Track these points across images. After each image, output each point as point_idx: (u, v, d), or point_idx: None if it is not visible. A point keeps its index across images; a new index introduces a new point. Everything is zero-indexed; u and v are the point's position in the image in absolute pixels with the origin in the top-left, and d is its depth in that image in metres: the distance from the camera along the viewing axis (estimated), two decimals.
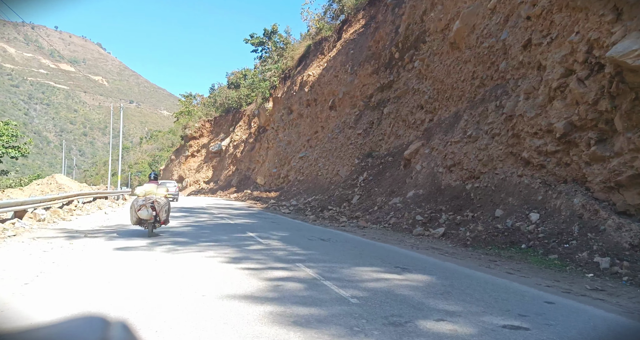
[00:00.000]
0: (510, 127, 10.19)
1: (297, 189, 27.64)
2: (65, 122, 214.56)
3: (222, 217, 14.74)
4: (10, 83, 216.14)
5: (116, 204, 19.43)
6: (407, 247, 8.31)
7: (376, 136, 21.84)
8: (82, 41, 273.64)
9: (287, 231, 10.84)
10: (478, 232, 8.56)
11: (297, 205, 21.62)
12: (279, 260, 6.52)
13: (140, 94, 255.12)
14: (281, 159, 33.18)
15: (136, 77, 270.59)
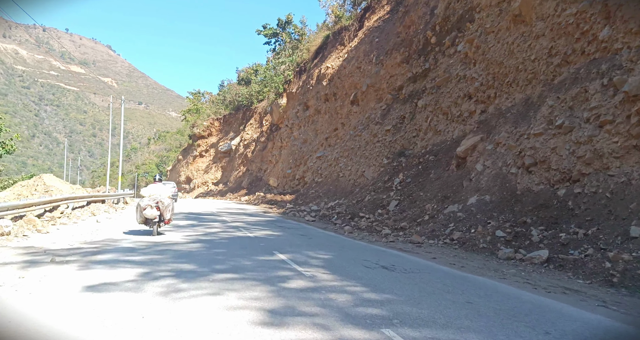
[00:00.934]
0: (634, 112, 7.40)
1: (316, 191, 24.94)
2: (74, 123, 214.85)
3: (238, 228, 12.09)
4: (22, 84, 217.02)
5: (114, 210, 16.89)
6: (528, 289, 5.54)
7: (409, 132, 19.09)
8: (92, 43, 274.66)
9: (327, 250, 8.14)
10: (623, 262, 5.77)
11: (319, 211, 18.93)
12: (347, 318, 3.84)
13: (148, 95, 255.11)
14: (296, 159, 30.52)
15: (145, 79, 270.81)
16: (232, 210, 20.77)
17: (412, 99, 19.58)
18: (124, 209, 18.63)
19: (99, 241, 8.64)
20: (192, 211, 18.67)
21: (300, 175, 29.42)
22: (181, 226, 12.15)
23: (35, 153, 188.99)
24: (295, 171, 30.40)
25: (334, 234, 11.25)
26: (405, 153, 18.55)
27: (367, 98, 23.85)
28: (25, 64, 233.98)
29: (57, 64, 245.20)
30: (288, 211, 19.78)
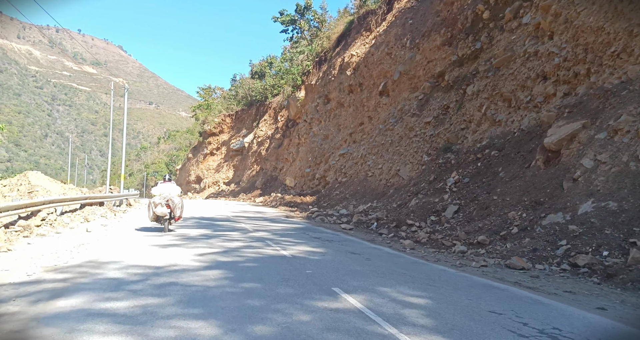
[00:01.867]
0: None
1: (341, 193, 22.18)
2: (86, 122, 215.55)
3: (264, 240, 9.38)
4: (35, 84, 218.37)
5: (113, 214, 14.31)
6: None
7: (455, 124, 16.22)
8: (104, 44, 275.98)
9: (412, 286, 5.37)
10: None
11: (350, 216, 16.17)
12: None
13: (159, 95, 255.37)
14: (316, 156, 27.79)
15: (155, 79, 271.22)
16: (249, 214, 18.11)
17: (458, 86, 16.70)
18: (126, 213, 16.09)
19: (75, 266, 5.98)
20: (203, 215, 16.05)
21: (321, 175, 26.68)
22: (192, 238, 9.49)
23: (48, 152, 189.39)
24: (315, 170, 27.67)
25: (392, 251, 8.46)
26: (452, 148, 15.68)
27: (400, 87, 21.03)
28: (39, 65, 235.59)
29: (70, 65, 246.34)
30: (314, 216, 17.04)
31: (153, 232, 10.34)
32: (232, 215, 16.72)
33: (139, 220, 13.36)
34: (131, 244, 8.26)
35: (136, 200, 23.02)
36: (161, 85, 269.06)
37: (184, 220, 13.64)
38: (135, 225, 12.04)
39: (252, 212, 18.80)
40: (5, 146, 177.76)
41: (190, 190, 44.87)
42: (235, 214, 17.15)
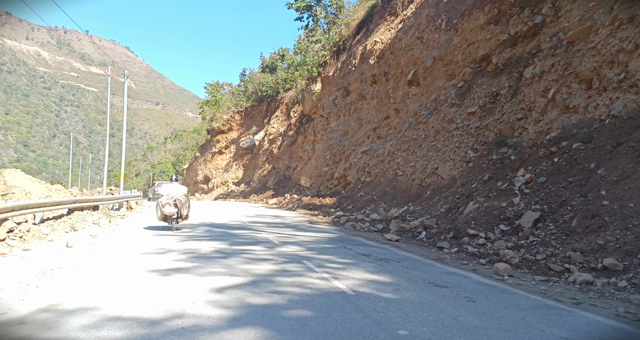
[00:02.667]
0: None
1: (366, 194, 19.70)
2: (94, 123, 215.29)
3: (300, 259, 6.92)
4: (43, 85, 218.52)
5: (109, 220, 11.94)
6: None
7: (509, 114, 13.66)
8: (111, 45, 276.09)
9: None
10: None
11: (384, 221, 13.71)
12: None
13: (166, 95, 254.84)
14: (335, 154, 25.33)
15: (162, 79, 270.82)
16: (266, 218, 15.69)
17: (511, 69, 14.13)
18: (125, 218, 13.75)
19: (12, 325, 3.58)
20: (214, 221, 13.66)
21: (341, 174, 24.21)
22: (205, 256, 7.06)
23: (56, 153, 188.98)
24: (334, 169, 25.21)
25: (486, 281, 5.95)
26: (507, 142, 13.14)
27: (433, 75, 18.50)
28: (47, 66, 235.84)
29: (78, 65, 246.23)
30: (342, 221, 14.57)
31: (153, 246, 7.98)
32: (247, 220, 14.31)
33: (138, 229, 10.99)
34: (120, 269, 5.85)
35: (139, 202, 20.71)
36: (168, 85, 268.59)
37: (193, 228, 11.27)
38: (132, 235, 9.68)
39: (269, 217, 16.38)
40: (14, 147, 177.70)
41: (197, 190, 42.61)
42: (251, 219, 14.74)
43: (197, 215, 16.21)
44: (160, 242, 8.55)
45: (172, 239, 9.06)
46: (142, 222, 12.84)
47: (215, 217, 15.42)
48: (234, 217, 15.72)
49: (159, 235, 9.50)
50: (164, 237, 9.20)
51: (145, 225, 11.96)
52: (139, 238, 9.22)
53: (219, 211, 18.73)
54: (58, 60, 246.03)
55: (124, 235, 9.68)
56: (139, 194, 20.12)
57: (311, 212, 19.03)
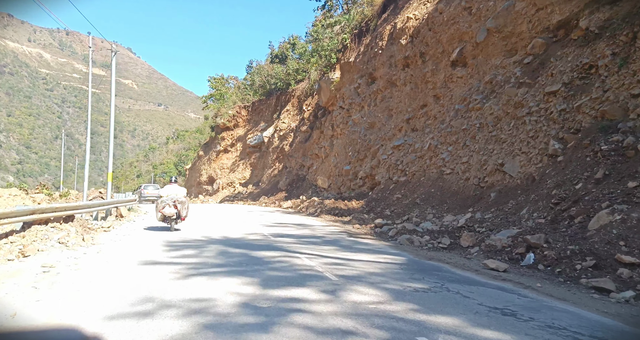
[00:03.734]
0: None
1: (405, 196, 16.31)
2: (95, 124, 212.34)
3: (398, 326, 3.57)
4: (45, 87, 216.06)
5: (83, 238, 8.54)
6: None
7: (616, 90, 10.24)
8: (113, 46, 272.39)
9: None
10: None
11: (446, 233, 10.34)
12: None
13: (168, 96, 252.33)
14: (358, 150, 21.95)
15: (164, 80, 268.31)
16: (291, 228, 12.30)
17: (613, 32, 10.75)
18: (111, 231, 10.40)
19: None
20: (227, 234, 10.29)
21: (367, 173, 20.83)
22: (225, 321, 3.67)
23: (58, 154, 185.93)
24: (358, 167, 21.84)
25: None
26: (619, 127, 9.72)
27: (487, 51, 15.10)
28: (49, 67, 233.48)
29: (80, 67, 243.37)
30: (390, 233, 11.18)
31: (135, 293, 4.62)
32: (269, 232, 10.93)
33: (122, 250, 7.62)
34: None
35: (133, 207, 17.37)
36: (170, 86, 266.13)
37: (201, 247, 7.94)
38: (107, 265, 6.31)
39: (294, 226, 12.98)
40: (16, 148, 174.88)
41: (201, 192, 39.30)
42: (273, 231, 11.36)
43: (204, 223, 12.86)
44: (149, 283, 5.18)
45: (168, 274, 5.70)
46: (131, 238, 9.50)
47: (227, 227, 12.07)
48: (251, 226, 12.36)
49: (149, 266, 6.15)
50: (157, 272, 5.83)
51: (134, 242, 8.64)
52: (116, 271, 5.86)
53: (229, 218, 15.37)
54: (60, 61, 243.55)
55: (94, 265, 6.32)
56: (132, 198, 16.77)
57: (340, 219, 15.66)
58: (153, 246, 8.11)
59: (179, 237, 9.69)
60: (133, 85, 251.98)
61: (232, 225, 12.58)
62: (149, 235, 9.76)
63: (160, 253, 7.39)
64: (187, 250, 7.72)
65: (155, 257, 6.96)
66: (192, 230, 11.19)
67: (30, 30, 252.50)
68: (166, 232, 10.54)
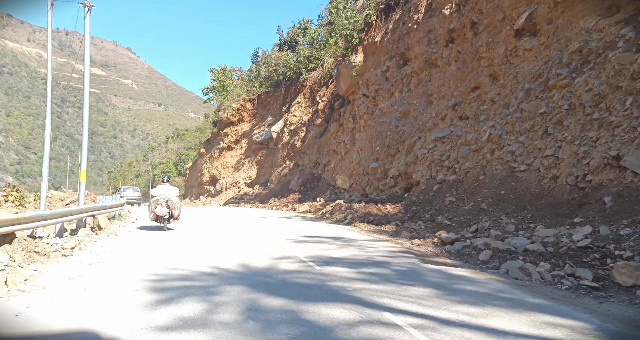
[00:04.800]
0: None
1: (461, 200, 12.77)
2: (95, 124, 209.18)
3: None
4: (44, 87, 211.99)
5: (28, 273, 5.05)
6: None
7: None
8: (112, 46, 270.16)
9: None
10: None
11: (570, 257, 6.84)
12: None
13: (168, 96, 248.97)
14: (388, 144, 18.44)
15: (164, 80, 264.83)
16: (331, 246, 8.73)
17: None
18: (74, 255, 6.86)
19: None
20: (246, 261, 6.73)
21: (400, 171, 17.32)
22: None
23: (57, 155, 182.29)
24: (387, 164, 18.33)
25: None
26: None
27: (570, 13, 11.60)
28: None
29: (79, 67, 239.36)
30: (483, 256, 7.61)
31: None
32: (306, 256, 7.37)
33: (74, 304, 4.10)
34: None
35: (121, 213, 13.82)
36: (170, 86, 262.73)
37: (208, 302, 4.31)
38: None
39: (332, 242, 9.41)
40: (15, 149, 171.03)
41: (203, 193, 35.76)
42: (311, 252, 7.79)
43: (208, 236, 9.36)
44: None
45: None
46: (96, 271, 5.96)
47: (242, 243, 8.55)
48: (275, 242, 8.82)
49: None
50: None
51: (97, 282, 5.11)
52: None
53: (240, 227, 11.86)
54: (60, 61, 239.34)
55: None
56: (119, 202, 13.20)
57: (380, 228, 12.16)
58: (126, 294, 4.60)
59: (175, 268, 6.18)
60: (133, 85, 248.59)
61: (248, 241, 9.07)
62: (128, 264, 6.27)
63: (135, 314, 3.87)
64: (185, 305, 4.20)
65: (123, 331, 3.44)
66: (193, 250, 7.71)
67: (29, 30, 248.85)
68: (155, 259, 7.03)
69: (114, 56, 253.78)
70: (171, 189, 11.22)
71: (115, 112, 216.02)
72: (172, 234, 10.16)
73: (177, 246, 8.21)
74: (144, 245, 8.40)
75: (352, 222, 13.45)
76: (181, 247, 8.12)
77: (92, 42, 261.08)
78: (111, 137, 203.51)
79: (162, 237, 9.52)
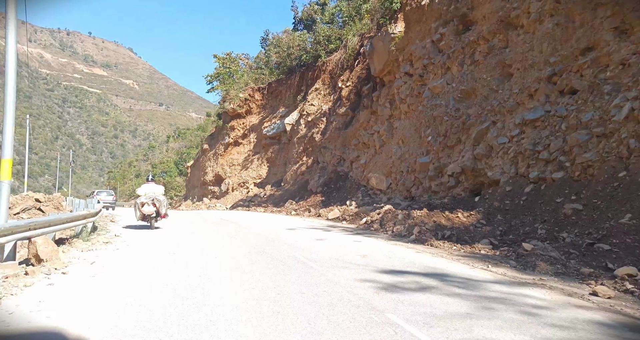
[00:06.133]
0: None
1: (598, 210, 8.45)
2: (97, 124, 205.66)
3: None
4: (46, 87, 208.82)
5: None
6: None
7: None
8: (114, 46, 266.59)
9: None
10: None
11: None
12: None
13: (169, 96, 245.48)
14: (445, 133, 14.08)
15: (165, 80, 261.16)
16: (450, 301, 4.46)
17: None
18: None
19: None
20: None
21: (465, 167, 12.97)
22: None
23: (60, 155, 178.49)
24: (444, 159, 13.99)
25: None
26: None
27: None
28: (50, 68, 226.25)
29: (81, 67, 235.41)
30: None
31: None
32: None
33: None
34: None
35: (96, 227, 9.55)
36: (171, 86, 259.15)
37: None
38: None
39: (447, 288, 5.02)
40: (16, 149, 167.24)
41: (206, 194, 31.45)
42: (437, 324, 3.54)
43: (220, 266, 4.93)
44: None
45: None
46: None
47: (285, 288, 4.27)
48: (354, 306, 4.52)
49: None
50: None
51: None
52: None
53: (268, 249, 7.58)
54: (61, 62, 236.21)
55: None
56: (87, 212, 8.90)
57: (472, 250, 7.87)
58: None
59: None
60: (134, 85, 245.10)
61: (300, 290, 4.77)
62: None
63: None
64: None
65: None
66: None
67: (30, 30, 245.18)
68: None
69: (115, 56, 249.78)
70: (157, 188, 11.12)
71: (116, 112, 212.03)
72: (175, 277, 5.88)
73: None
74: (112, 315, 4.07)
75: (425, 239, 9.13)
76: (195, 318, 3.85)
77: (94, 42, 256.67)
78: (112, 137, 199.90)
79: (154, 282, 5.22)
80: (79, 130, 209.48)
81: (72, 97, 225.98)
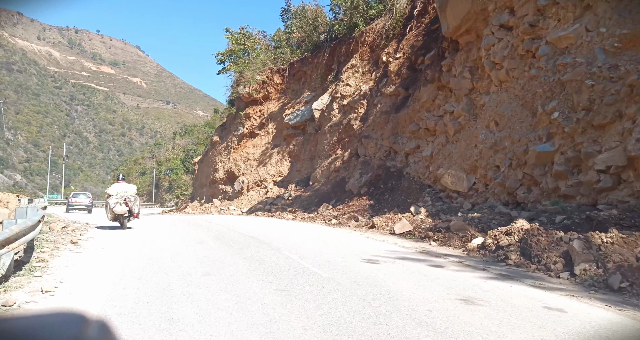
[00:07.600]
0: None
1: None
2: (104, 122, 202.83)
3: None
4: (54, 85, 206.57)
5: None
6: None
7: None
8: (121, 44, 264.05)
9: None
10: None
11: None
12: None
13: (176, 95, 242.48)
14: (585, 105, 9.05)
15: (173, 79, 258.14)
16: None
17: None
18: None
19: None
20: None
21: (633, 157, 7.94)
22: None
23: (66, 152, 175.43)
24: (586, 144, 8.93)
25: None
26: None
27: None
28: (58, 66, 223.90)
29: (89, 65, 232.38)
30: None
31: None
32: None
33: None
34: None
35: (42, 246, 4.74)
36: (178, 84, 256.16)
37: None
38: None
39: None
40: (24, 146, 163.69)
41: (216, 194, 26.50)
42: None
43: None
44: None
45: None
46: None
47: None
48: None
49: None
50: None
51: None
52: None
53: None
54: (69, 59, 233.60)
55: None
56: (31, 223, 4.04)
57: None
58: None
59: None
60: (141, 83, 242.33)
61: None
62: None
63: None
64: None
65: None
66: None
67: (39, 28, 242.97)
68: None
69: (123, 54, 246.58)
70: (128, 187, 10.95)
71: (123, 110, 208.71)
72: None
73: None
74: None
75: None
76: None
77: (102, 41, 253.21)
78: (119, 135, 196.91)
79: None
80: (87, 128, 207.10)
81: (80, 95, 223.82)
